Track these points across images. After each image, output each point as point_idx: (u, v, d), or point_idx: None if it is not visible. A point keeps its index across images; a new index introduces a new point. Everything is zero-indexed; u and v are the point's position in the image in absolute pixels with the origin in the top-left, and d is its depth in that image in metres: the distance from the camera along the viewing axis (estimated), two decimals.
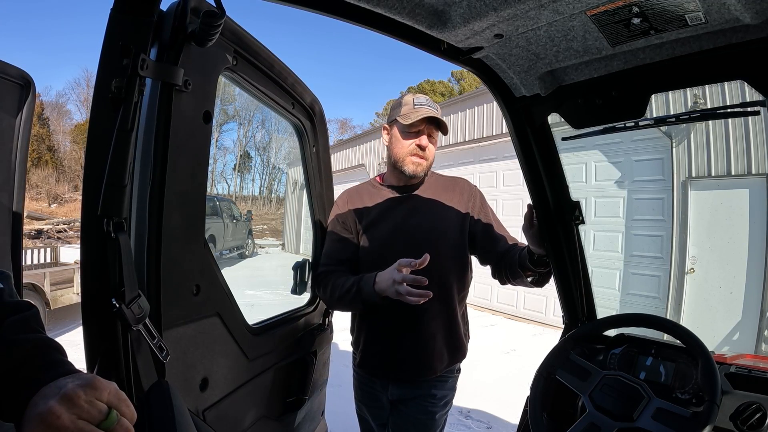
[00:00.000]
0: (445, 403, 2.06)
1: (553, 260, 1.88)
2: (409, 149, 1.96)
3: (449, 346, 2.01)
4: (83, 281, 1.07)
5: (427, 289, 1.90)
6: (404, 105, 1.97)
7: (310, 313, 2.19)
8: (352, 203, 2.08)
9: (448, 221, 2.02)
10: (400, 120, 1.95)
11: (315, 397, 2.22)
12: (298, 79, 1.97)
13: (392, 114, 2.02)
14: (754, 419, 1.35)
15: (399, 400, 2.03)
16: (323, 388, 2.36)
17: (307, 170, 2.27)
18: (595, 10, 1.21)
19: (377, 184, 2.13)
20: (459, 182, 2.16)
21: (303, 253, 18.29)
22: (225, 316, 1.52)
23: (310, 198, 2.31)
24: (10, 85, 2.23)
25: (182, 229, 1.30)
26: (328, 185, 2.36)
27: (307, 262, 2.22)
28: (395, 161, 2.00)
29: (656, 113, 6.60)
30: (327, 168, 2.35)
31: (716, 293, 6.37)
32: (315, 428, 2.32)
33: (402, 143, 1.98)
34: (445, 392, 2.04)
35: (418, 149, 1.96)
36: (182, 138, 1.26)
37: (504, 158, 9.59)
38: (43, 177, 37.97)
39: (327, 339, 2.29)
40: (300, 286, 2.19)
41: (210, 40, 1.16)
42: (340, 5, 1.19)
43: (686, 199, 6.67)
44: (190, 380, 1.35)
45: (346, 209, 2.07)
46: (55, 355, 0.78)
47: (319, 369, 2.19)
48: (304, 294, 2.23)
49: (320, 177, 2.31)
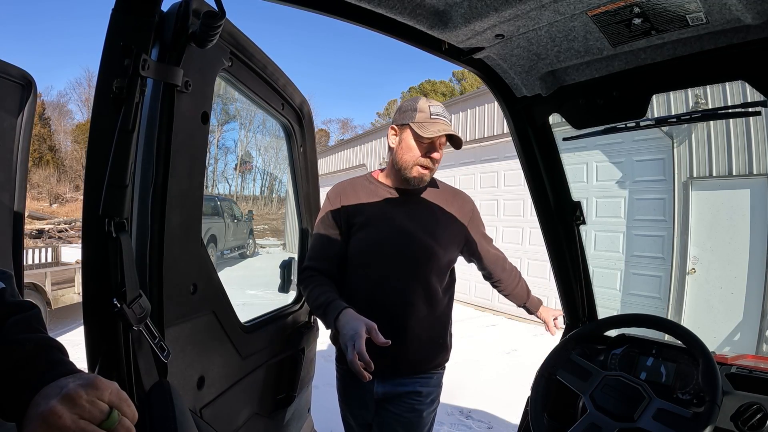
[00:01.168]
0: (431, 401, 2.05)
1: (554, 260, 1.89)
2: (417, 158, 1.90)
3: (435, 347, 2.02)
4: (84, 281, 1.07)
5: (415, 293, 1.93)
6: (419, 111, 1.89)
7: (297, 311, 2.21)
8: (345, 198, 2.02)
9: (444, 230, 2.00)
10: (416, 128, 1.87)
11: (303, 394, 2.24)
12: (289, 81, 1.98)
13: (403, 117, 1.93)
14: (755, 420, 1.35)
15: (384, 398, 2.01)
16: (309, 385, 2.39)
17: (294, 170, 2.28)
18: (596, 11, 1.21)
19: (374, 181, 2.07)
20: (458, 194, 2.13)
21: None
22: (220, 315, 1.53)
23: (296, 197, 2.33)
24: (12, 85, 2.23)
25: (182, 229, 1.31)
26: (315, 185, 2.38)
27: (293, 260, 2.24)
28: (401, 166, 1.94)
29: (657, 113, 6.59)
30: (314, 168, 2.36)
31: (717, 293, 6.36)
32: (303, 425, 2.34)
33: (413, 151, 1.90)
34: (430, 389, 2.03)
35: (427, 160, 1.91)
36: (182, 138, 1.26)
37: (505, 158, 9.58)
38: (45, 177, 38.02)
39: (313, 336, 2.31)
40: (286, 284, 2.21)
41: (210, 41, 1.16)
42: (342, 5, 1.19)
43: (687, 200, 6.66)
44: (188, 379, 1.36)
45: (338, 204, 2.01)
46: (56, 354, 0.78)
47: (307, 366, 2.21)
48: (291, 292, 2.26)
49: (307, 177, 2.32)
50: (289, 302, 2.25)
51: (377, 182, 2.06)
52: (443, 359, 2.07)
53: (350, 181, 2.11)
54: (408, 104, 1.96)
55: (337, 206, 2.01)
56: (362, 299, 1.87)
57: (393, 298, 1.91)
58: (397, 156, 1.95)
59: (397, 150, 1.96)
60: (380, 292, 1.91)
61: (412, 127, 1.88)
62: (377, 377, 1.94)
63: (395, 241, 1.93)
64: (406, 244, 1.93)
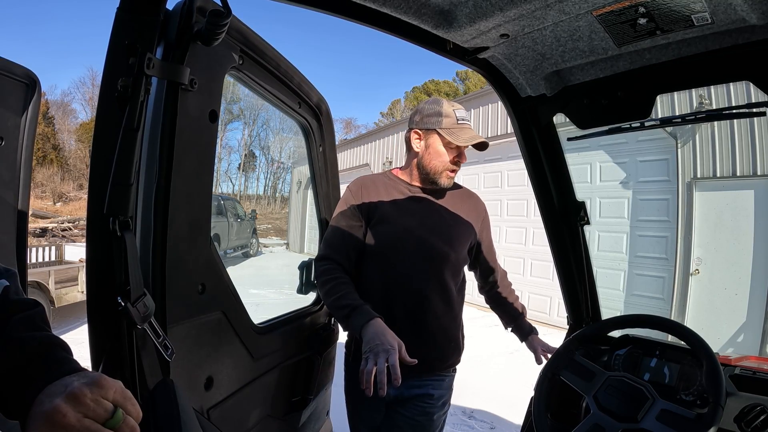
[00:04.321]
0: (443, 404, 2.03)
1: (558, 261, 1.88)
2: (447, 165, 1.92)
3: (448, 346, 2.00)
4: (89, 280, 1.08)
5: (432, 290, 1.92)
6: (445, 116, 1.89)
7: (315, 313, 2.18)
8: (367, 193, 2.01)
9: (460, 229, 2.01)
10: (446, 135, 1.87)
11: (320, 397, 2.21)
12: (304, 79, 1.96)
13: (428, 121, 1.93)
14: (759, 421, 1.35)
15: (396, 400, 1.99)
16: (328, 388, 2.36)
17: (313, 170, 2.27)
18: (601, 11, 1.21)
19: (394, 178, 2.06)
20: (473, 196, 2.15)
21: (307, 252, 18.31)
22: (230, 315, 1.52)
23: (316, 197, 2.30)
24: (16, 84, 2.24)
25: (188, 228, 1.30)
26: (335, 185, 2.36)
27: (313, 261, 2.21)
28: (430, 172, 1.95)
29: (662, 114, 6.58)
30: (333, 167, 2.34)
31: (721, 294, 6.35)
32: (320, 428, 2.31)
33: (442, 156, 1.92)
34: (442, 392, 2.02)
35: (454, 165, 1.94)
36: (188, 137, 1.26)
37: (509, 158, 9.56)
38: (48, 175, 38.12)
39: (332, 339, 2.28)
40: (306, 286, 2.18)
41: (216, 39, 1.16)
42: (347, 5, 1.19)
43: (691, 200, 6.65)
44: (195, 379, 1.35)
45: (360, 198, 2.00)
46: (60, 353, 0.79)
47: (325, 369, 2.18)
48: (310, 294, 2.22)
49: (327, 176, 2.30)
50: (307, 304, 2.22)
51: (398, 179, 2.06)
52: (456, 360, 2.07)
53: (370, 177, 2.11)
54: (431, 108, 1.94)
55: (359, 199, 2.00)
56: (378, 294, 1.88)
57: (410, 294, 1.90)
58: (424, 161, 1.96)
59: (423, 155, 1.96)
60: (397, 287, 1.90)
61: (441, 134, 1.89)
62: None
63: (413, 236, 1.93)
64: (424, 240, 1.93)
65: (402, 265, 1.91)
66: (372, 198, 2.00)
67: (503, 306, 2.27)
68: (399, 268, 1.91)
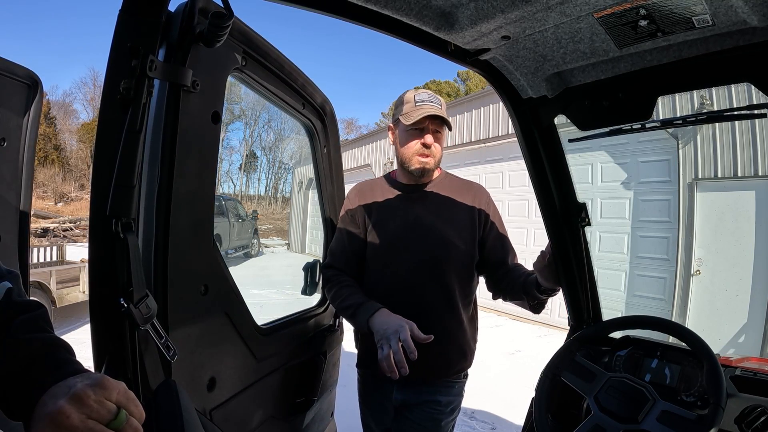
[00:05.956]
0: (451, 410, 2.01)
1: (559, 262, 1.88)
2: (414, 149, 1.91)
3: (455, 351, 1.96)
4: (91, 281, 1.08)
5: (433, 293, 1.90)
6: (406, 103, 1.91)
7: (320, 314, 2.18)
8: (363, 198, 2.04)
9: (459, 224, 1.96)
10: (403, 120, 1.89)
11: (324, 398, 2.21)
12: (308, 80, 1.96)
13: (395, 114, 1.97)
14: (759, 422, 1.35)
15: (403, 405, 1.98)
16: (333, 389, 2.36)
17: (318, 171, 2.27)
18: (602, 12, 1.21)
19: (390, 179, 2.08)
20: (474, 186, 2.10)
21: (309, 252, 18.31)
22: (233, 316, 1.52)
23: (321, 198, 2.31)
24: (18, 84, 2.24)
25: (190, 229, 1.30)
26: (339, 185, 2.36)
27: (317, 262, 2.21)
28: (402, 161, 1.96)
29: (663, 115, 6.58)
30: (338, 168, 2.34)
31: (722, 295, 6.34)
32: (324, 429, 2.31)
33: (408, 142, 1.92)
34: (451, 398, 1.99)
35: (423, 148, 1.90)
36: (191, 138, 1.26)
37: (510, 159, 9.57)
38: (50, 176, 38.18)
39: (337, 340, 2.28)
40: (311, 287, 2.18)
41: (218, 40, 1.17)
42: (348, 7, 1.19)
43: (692, 201, 6.64)
44: (198, 380, 1.36)
45: (356, 204, 2.03)
46: (63, 354, 0.79)
47: (329, 370, 2.18)
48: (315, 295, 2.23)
49: (331, 177, 2.30)
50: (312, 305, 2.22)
51: (393, 180, 2.07)
52: (464, 365, 2.01)
53: (368, 182, 2.13)
54: (397, 100, 1.99)
55: (355, 205, 2.03)
56: (380, 299, 1.84)
57: (410, 298, 1.88)
58: (398, 153, 1.98)
59: (396, 147, 1.99)
60: (397, 291, 1.89)
61: (401, 120, 1.91)
62: (396, 382, 1.89)
63: (409, 235, 1.92)
64: (420, 237, 1.92)
65: (400, 269, 1.91)
66: (368, 203, 2.02)
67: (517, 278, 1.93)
68: (397, 272, 1.91)
